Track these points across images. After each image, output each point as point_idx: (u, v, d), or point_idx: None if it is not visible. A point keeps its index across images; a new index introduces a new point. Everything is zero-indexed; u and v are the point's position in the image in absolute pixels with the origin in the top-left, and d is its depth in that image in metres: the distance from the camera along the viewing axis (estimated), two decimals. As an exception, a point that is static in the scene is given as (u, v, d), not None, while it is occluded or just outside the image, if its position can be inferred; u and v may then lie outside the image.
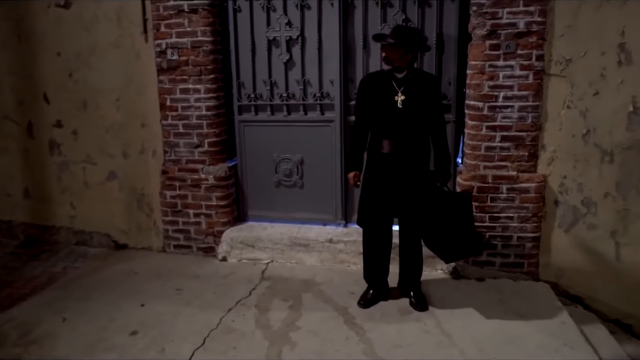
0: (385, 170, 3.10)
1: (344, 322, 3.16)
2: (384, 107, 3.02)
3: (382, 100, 3.02)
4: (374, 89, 3.06)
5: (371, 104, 3.08)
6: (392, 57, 2.94)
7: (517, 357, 2.74)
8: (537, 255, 3.66)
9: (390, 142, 3.05)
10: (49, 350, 2.89)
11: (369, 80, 3.12)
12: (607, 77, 3.37)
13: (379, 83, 3.06)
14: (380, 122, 3.07)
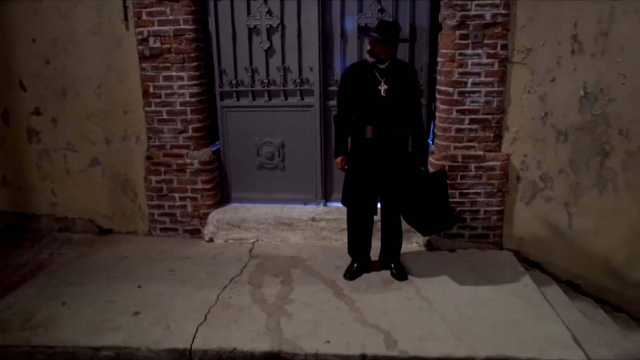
0: (369, 153, 3.36)
1: (333, 294, 3.44)
2: (368, 96, 3.26)
3: (366, 89, 3.25)
4: (358, 79, 3.29)
5: (355, 93, 3.30)
6: (377, 50, 3.17)
7: (490, 317, 3.11)
8: (501, 227, 4.06)
9: (373, 127, 3.30)
10: (56, 333, 3.01)
11: (352, 71, 3.34)
12: (562, 65, 3.74)
13: (363, 73, 3.28)
14: (364, 110, 3.31)
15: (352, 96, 3.32)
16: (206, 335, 2.96)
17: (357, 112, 3.34)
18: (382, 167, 3.36)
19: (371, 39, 3.16)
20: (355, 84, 3.29)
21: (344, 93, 3.37)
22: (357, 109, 3.33)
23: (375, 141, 3.32)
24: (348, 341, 2.90)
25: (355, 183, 3.44)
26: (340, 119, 3.42)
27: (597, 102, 3.77)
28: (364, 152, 3.37)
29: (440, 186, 3.43)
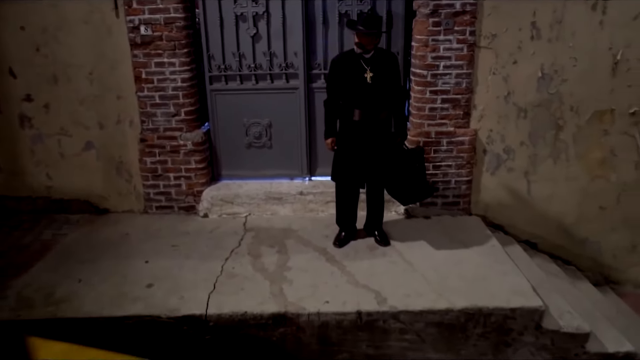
0: (356, 134, 3.72)
1: (326, 260, 3.86)
2: (356, 83, 3.60)
3: (353, 77, 3.59)
4: (346, 68, 3.61)
5: (344, 80, 3.63)
6: (364, 42, 3.50)
7: (463, 274, 3.60)
8: (470, 195, 4.55)
9: (360, 111, 3.66)
10: (79, 306, 3.30)
11: (340, 61, 3.66)
12: (522, 49, 4.17)
13: (350, 63, 3.61)
14: (352, 95, 3.65)
15: (341, 83, 3.65)
16: (218, 302, 3.33)
17: (345, 97, 3.68)
18: (368, 146, 3.74)
19: (360, 32, 3.48)
20: (344, 73, 3.62)
21: (333, 81, 3.69)
22: (345, 94, 3.67)
23: (362, 123, 3.69)
24: (344, 301, 3.33)
25: (343, 161, 3.82)
26: (330, 104, 3.75)
27: (552, 82, 4.25)
28: (351, 133, 3.73)
29: (418, 161, 3.85)
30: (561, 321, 3.37)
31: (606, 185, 4.52)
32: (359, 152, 3.75)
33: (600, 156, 4.44)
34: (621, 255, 4.73)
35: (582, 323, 3.37)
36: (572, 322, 3.37)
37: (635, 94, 4.25)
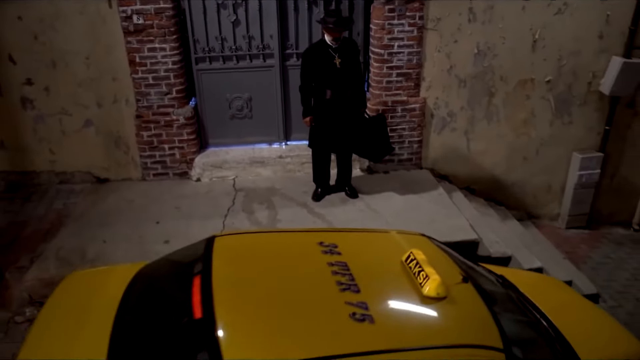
0: (328, 110, 4.50)
1: (308, 212, 4.72)
2: (327, 68, 4.33)
3: (325, 64, 4.31)
4: (318, 57, 4.32)
5: (316, 67, 4.34)
6: (336, 36, 4.21)
7: (418, 218, 4.56)
8: (421, 152, 5.48)
9: (331, 91, 4.41)
10: (111, 262, 3.96)
11: (312, 52, 4.36)
12: (462, 30, 5.02)
13: (320, 52, 4.32)
14: (324, 79, 4.38)
15: (314, 69, 4.36)
16: (226, 251, 4.13)
17: (317, 80, 4.41)
18: (338, 118, 4.53)
19: (332, 30, 4.18)
20: (316, 61, 4.33)
21: (307, 69, 4.39)
22: (317, 78, 4.39)
23: (333, 100, 4.45)
24: (327, 244, 4.21)
25: (318, 132, 4.60)
26: (305, 89, 4.47)
27: (486, 57, 5.14)
28: (324, 109, 4.50)
29: (380, 125, 4.69)
30: (491, 249, 4.44)
31: (528, 140, 5.57)
32: (331, 124, 4.54)
33: (523, 117, 5.46)
34: (540, 196, 5.88)
35: (506, 249, 4.46)
36: (499, 249, 4.45)
37: (550, 66, 5.24)
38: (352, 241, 2.99)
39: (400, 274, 2.61)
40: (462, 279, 2.71)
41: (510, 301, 3.03)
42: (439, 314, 2.46)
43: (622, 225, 6.14)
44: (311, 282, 2.51)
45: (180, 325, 2.29)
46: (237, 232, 3.16)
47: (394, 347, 2.18)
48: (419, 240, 3.11)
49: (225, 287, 2.37)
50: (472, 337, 2.40)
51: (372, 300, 2.38)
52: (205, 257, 2.58)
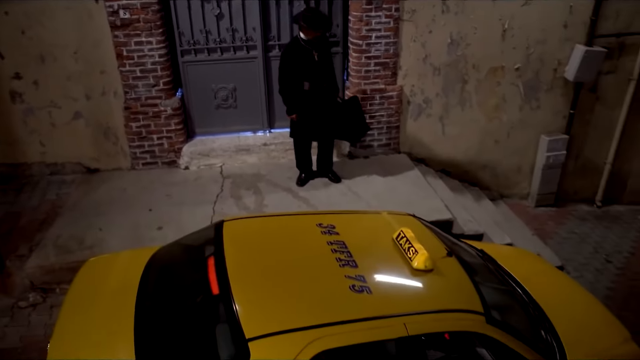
0: (307, 101, 4.73)
1: (293, 197, 4.99)
2: (306, 62, 4.55)
3: (304, 59, 4.53)
4: (296, 55, 4.54)
5: (296, 65, 4.54)
6: (317, 35, 4.45)
7: (397, 200, 4.86)
8: (399, 137, 5.77)
9: (309, 83, 4.64)
10: (110, 249, 4.20)
11: (291, 52, 4.56)
12: (436, 21, 5.28)
13: (298, 49, 4.54)
14: (303, 72, 4.59)
15: (294, 68, 4.56)
16: (218, 235, 4.38)
17: (297, 75, 4.60)
18: (316, 108, 4.76)
19: (316, 31, 4.41)
20: (296, 58, 4.54)
21: (287, 69, 4.57)
22: (297, 72, 4.59)
23: (311, 92, 4.68)
24: (312, 226, 4.50)
25: (299, 122, 4.84)
26: (286, 88, 4.65)
27: (459, 46, 5.43)
28: (303, 101, 4.72)
29: (354, 106, 4.94)
30: (465, 227, 4.79)
31: (499, 124, 5.91)
32: (310, 114, 4.78)
33: (494, 102, 5.78)
34: (510, 176, 6.25)
35: (478, 227, 4.81)
36: (472, 227, 4.80)
37: (519, 54, 5.55)
38: (348, 222, 3.30)
39: (392, 250, 2.95)
40: (447, 253, 3.06)
41: (489, 272, 3.42)
42: (427, 284, 2.80)
43: (587, 202, 6.57)
44: (314, 259, 2.82)
45: (199, 301, 2.56)
46: (244, 217, 3.45)
47: (389, 313, 2.53)
48: (407, 220, 3.44)
49: (238, 265, 2.66)
50: (457, 302, 2.77)
51: (369, 273, 2.71)
52: (217, 240, 2.85)
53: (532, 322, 3.14)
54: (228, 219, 3.16)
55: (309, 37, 4.50)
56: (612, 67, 5.77)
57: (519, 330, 2.84)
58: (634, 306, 4.76)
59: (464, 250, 3.52)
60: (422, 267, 2.77)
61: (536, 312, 3.27)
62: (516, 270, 3.66)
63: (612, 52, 5.65)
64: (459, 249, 3.44)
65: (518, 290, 3.40)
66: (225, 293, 2.51)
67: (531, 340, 2.87)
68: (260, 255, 2.84)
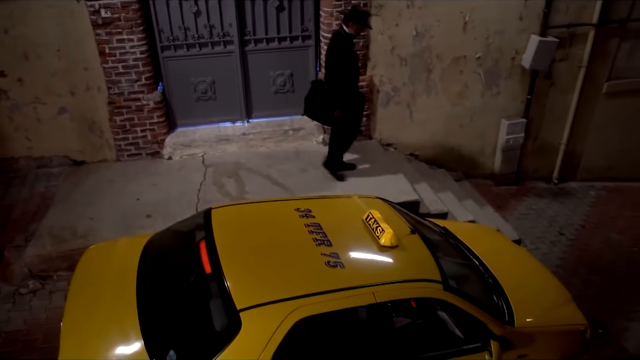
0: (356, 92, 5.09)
1: (272, 183, 5.34)
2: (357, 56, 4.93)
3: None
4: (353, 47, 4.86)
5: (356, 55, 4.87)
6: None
7: (369, 183, 5.26)
8: (369, 124, 6.15)
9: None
10: (102, 237, 4.47)
11: (352, 43, 4.78)
12: (402, 15, 5.64)
13: (353, 43, 4.83)
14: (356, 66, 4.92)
15: (355, 58, 4.86)
16: (203, 221, 4.71)
17: (356, 67, 4.89)
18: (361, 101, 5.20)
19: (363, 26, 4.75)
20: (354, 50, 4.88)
21: (353, 59, 4.82)
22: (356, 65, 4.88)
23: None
24: (291, 210, 4.87)
25: (353, 115, 5.18)
26: (348, 82, 4.87)
27: (424, 38, 5.81)
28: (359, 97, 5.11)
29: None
30: (431, 207, 5.23)
31: (463, 110, 6.35)
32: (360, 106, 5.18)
33: (458, 89, 6.20)
34: (474, 158, 6.72)
35: (443, 207, 5.26)
36: (437, 207, 5.25)
37: (479, 44, 5.97)
38: (323, 206, 3.68)
39: (362, 230, 3.34)
40: (411, 231, 3.47)
41: (450, 246, 3.86)
42: (393, 259, 3.21)
43: (544, 180, 7.12)
44: (293, 240, 3.20)
45: (194, 279, 2.92)
46: (229, 204, 3.76)
47: (359, 284, 2.92)
48: (375, 202, 3.83)
49: (227, 247, 3.02)
50: (418, 273, 3.19)
51: (342, 251, 3.10)
52: (206, 226, 3.21)
53: (486, 289, 3.60)
54: (215, 207, 3.50)
55: (355, 32, 4.73)
56: (565, 55, 6.25)
57: (472, 296, 3.28)
58: (581, 273, 5.31)
59: (428, 228, 3.95)
60: (388, 244, 3.17)
61: (490, 280, 3.73)
62: (475, 244, 4.12)
63: (564, 41, 6.11)
64: (423, 227, 3.87)
65: (475, 262, 3.85)
66: (217, 271, 2.87)
67: (483, 304, 3.32)
68: (246, 237, 3.21)
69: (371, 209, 3.43)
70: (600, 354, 4.40)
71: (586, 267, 5.47)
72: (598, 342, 4.46)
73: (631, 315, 4.87)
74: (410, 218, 3.83)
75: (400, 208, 3.96)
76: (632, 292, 5.14)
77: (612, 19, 6.11)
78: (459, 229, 4.33)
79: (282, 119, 6.07)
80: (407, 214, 3.91)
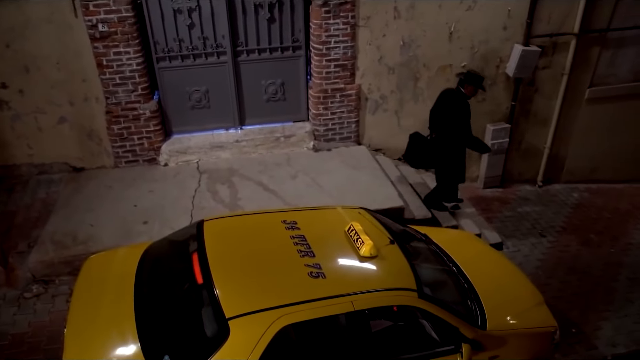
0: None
1: (263, 189, 5.58)
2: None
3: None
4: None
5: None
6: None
7: (356, 190, 5.50)
8: (358, 131, 6.38)
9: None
10: (101, 243, 4.74)
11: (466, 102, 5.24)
12: (389, 26, 5.85)
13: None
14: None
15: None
16: (198, 227, 4.95)
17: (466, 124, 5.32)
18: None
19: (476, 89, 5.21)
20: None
21: (468, 114, 5.30)
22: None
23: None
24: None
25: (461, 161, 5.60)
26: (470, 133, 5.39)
27: (410, 48, 6.02)
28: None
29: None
30: (415, 212, 5.47)
31: (449, 115, 6.56)
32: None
33: (444, 96, 6.41)
34: (461, 161, 6.94)
35: (427, 212, 5.51)
36: (421, 212, 5.49)
37: (465, 54, 6.18)
38: (308, 218, 3.92)
39: (344, 241, 3.58)
40: (390, 241, 3.70)
41: (428, 253, 4.10)
42: (372, 268, 3.45)
43: (529, 183, 7.36)
44: (279, 252, 3.45)
45: (187, 289, 3.17)
46: (220, 217, 4.00)
47: (339, 293, 3.16)
48: (358, 213, 4.05)
49: (217, 259, 3.26)
50: (394, 282, 3.43)
51: (324, 261, 3.35)
52: (198, 237, 3.46)
53: (461, 294, 3.85)
54: (207, 219, 3.74)
55: (470, 94, 5.17)
56: (548, 63, 6.47)
57: (446, 302, 3.53)
58: (559, 274, 5.57)
59: (409, 236, 4.20)
60: (367, 255, 3.41)
61: (466, 285, 3.98)
62: (454, 250, 4.37)
63: (547, 50, 6.33)
64: (404, 235, 4.11)
65: (452, 268, 4.10)
66: (208, 282, 3.11)
67: (456, 309, 3.57)
68: (235, 249, 3.45)
69: (353, 221, 3.67)
70: (572, 353, 4.66)
71: (564, 268, 5.72)
72: (570, 341, 4.73)
73: (604, 315, 5.13)
74: (392, 227, 4.06)
75: (383, 217, 4.20)
76: (606, 292, 5.39)
77: (593, 29, 6.32)
78: (439, 236, 4.58)
79: (274, 125, 6.30)
80: (389, 223, 4.14)
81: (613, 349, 4.80)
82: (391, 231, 3.91)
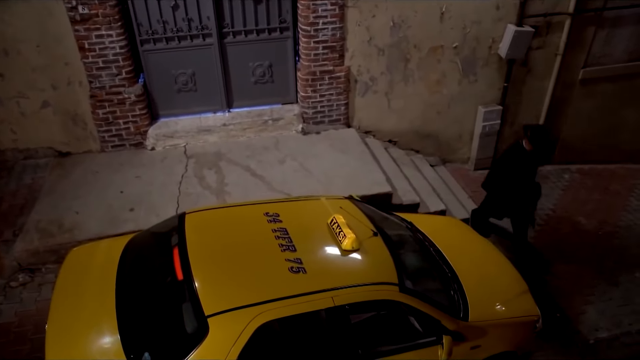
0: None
1: (251, 175, 5.53)
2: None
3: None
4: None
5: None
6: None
7: (344, 175, 5.46)
8: (348, 113, 6.30)
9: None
10: (87, 231, 4.73)
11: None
12: (378, 6, 5.69)
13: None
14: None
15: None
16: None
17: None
18: None
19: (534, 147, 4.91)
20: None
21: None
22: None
23: None
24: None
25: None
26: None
27: (400, 28, 5.88)
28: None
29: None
30: (403, 197, 5.45)
31: (440, 97, 6.48)
32: None
33: (435, 78, 6.32)
34: (452, 143, 6.90)
35: (415, 197, 5.48)
36: (410, 198, 5.47)
37: (456, 34, 6.04)
38: (290, 210, 3.89)
39: (326, 234, 3.55)
40: (373, 234, 3.68)
41: (413, 243, 4.09)
42: (353, 262, 3.44)
43: (521, 164, 7.29)
44: (260, 246, 3.42)
45: (167, 285, 3.16)
46: (203, 209, 3.93)
47: (319, 289, 3.16)
48: (343, 204, 4.01)
49: (198, 254, 3.25)
50: (375, 276, 3.42)
51: (305, 256, 3.32)
52: (179, 230, 3.44)
53: (444, 285, 3.86)
54: (189, 212, 3.71)
55: (529, 150, 4.93)
56: (541, 43, 6.34)
57: (428, 295, 3.54)
58: (548, 256, 5.58)
59: (394, 224, 4.19)
60: (349, 248, 3.40)
61: (449, 275, 3.99)
62: (439, 238, 4.37)
63: (540, 30, 6.19)
64: (389, 224, 4.09)
65: (436, 258, 4.10)
66: (188, 278, 3.10)
67: (438, 302, 3.58)
68: (216, 244, 3.43)
69: (336, 213, 3.64)
70: (555, 338, 4.72)
71: (553, 252, 5.74)
72: (554, 325, 4.78)
73: (589, 299, 5.18)
74: (376, 217, 4.04)
75: (368, 207, 4.17)
76: (591, 276, 5.44)
77: (588, 8, 6.17)
78: (425, 223, 4.56)
79: (262, 108, 6.21)
80: (374, 212, 4.12)
81: (596, 332, 4.87)
82: (375, 222, 3.89)
